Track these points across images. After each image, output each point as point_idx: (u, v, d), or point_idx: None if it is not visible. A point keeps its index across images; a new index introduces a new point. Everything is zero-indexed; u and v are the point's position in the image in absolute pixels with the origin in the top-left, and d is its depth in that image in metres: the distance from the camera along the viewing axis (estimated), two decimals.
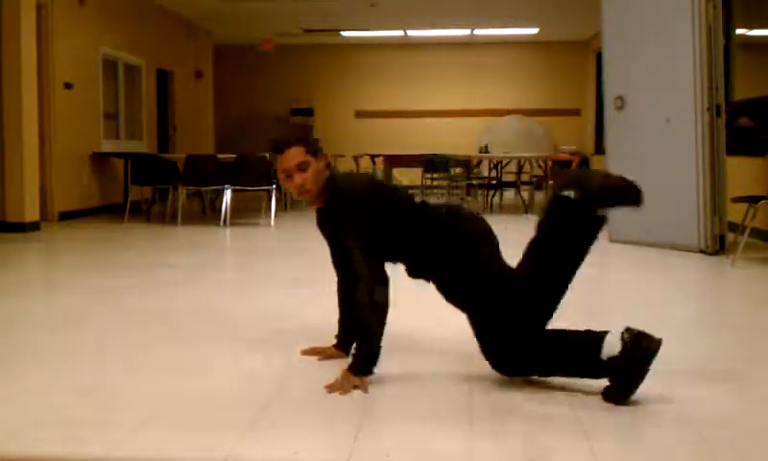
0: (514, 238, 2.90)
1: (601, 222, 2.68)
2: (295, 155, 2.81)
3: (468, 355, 2.91)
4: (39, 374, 2.92)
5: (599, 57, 8.33)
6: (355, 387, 2.63)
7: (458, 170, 10.97)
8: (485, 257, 2.73)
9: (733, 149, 6.50)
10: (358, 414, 2.42)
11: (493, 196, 11.46)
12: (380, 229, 2.73)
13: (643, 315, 4.07)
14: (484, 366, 2.75)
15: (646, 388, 2.57)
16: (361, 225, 2.70)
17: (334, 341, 3.11)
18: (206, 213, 9.90)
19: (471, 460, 2.11)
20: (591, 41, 14.46)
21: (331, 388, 2.64)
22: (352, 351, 2.77)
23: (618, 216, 6.66)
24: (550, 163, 10.85)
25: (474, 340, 2.73)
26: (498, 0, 11.74)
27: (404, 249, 2.81)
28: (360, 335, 2.71)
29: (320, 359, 3.02)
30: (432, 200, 3.04)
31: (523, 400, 2.55)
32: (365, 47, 15.77)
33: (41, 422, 2.38)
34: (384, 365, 2.74)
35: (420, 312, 3.75)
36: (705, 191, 5.98)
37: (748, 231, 5.77)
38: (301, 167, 2.80)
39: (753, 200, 5.76)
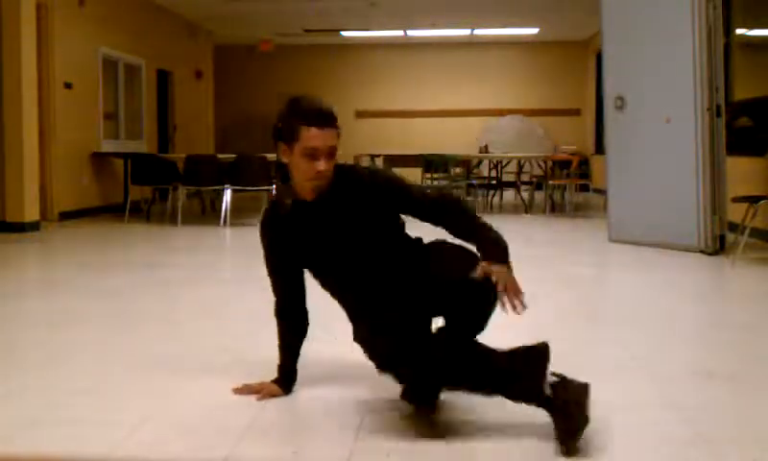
0: (514, 238, 2.89)
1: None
2: (332, 136, 2.33)
3: None
4: (39, 373, 2.92)
5: (599, 57, 8.33)
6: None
7: (458, 170, 10.98)
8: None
9: (733, 149, 6.50)
10: (358, 414, 2.42)
11: (493, 196, 11.46)
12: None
13: (643, 315, 4.07)
14: None
15: (646, 388, 2.57)
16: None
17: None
18: (206, 213, 9.90)
19: (472, 459, 2.11)
20: (591, 41, 14.46)
21: None
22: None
23: (618, 216, 6.69)
24: (550, 163, 10.85)
25: None
26: (498, 0, 11.74)
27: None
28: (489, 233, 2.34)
29: (259, 399, 2.57)
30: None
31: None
32: (365, 47, 15.76)
33: (41, 421, 2.38)
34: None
35: None
36: (705, 191, 5.98)
37: (748, 231, 5.77)
38: (332, 153, 2.35)
39: (753, 200, 5.76)
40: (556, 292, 4.67)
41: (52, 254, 6.75)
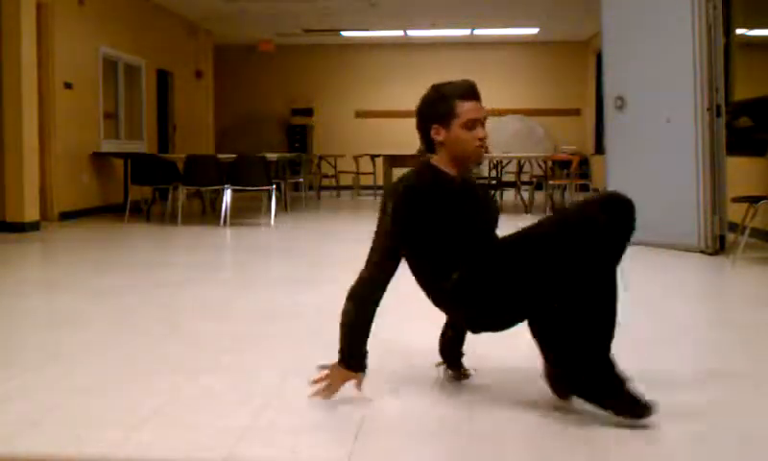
0: None
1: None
2: (483, 108, 2.57)
3: (468, 364, 2.90)
4: (39, 373, 2.92)
5: (599, 57, 8.33)
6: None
7: None
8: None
9: (733, 149, 6.49)
10: (358, 414, 2.42)
11: (493, 196, 11.45)
12: None
13: (644, 315, 4.07)
14: (483, 373, 2.74)
15: (645, 388, 2.57)
16: None
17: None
18: (206, 213, 9.90)
19: (472, 459, 2.11)
20: (591, 41, 14.46)
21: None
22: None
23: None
24: (550, 163, 10.85)
25: (473, 346, 2.70)
26: (498, 0, 11.74)
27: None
28: None
29: (331, 395, 2.53)
30: None
31: (520, 404, 2.55)
32: (365, 47, 15.76)
33: (41, 421, 2.38)
34: (384, 368, 2.73)
35: (419, 317, 3.74)
36: (705, 191, 5.98)
37: (748, 231, 5.77)
38: (485, 124, 2.58)
39: (753, 200, 5.76)
40: None
41: (52, 254, 6.75)
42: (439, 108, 2.54)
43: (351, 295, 2.50)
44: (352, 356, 2.49)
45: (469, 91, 2.53)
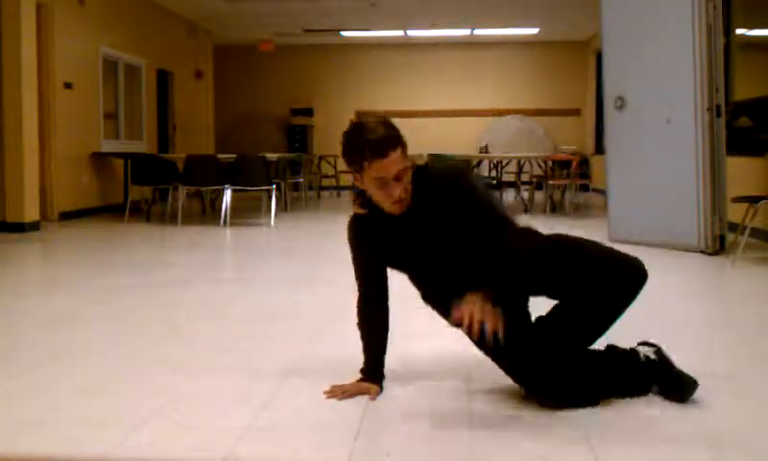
0: None
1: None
2: (396, 160, 2.28)
3: (468, 364, 2.90)
4: (39, 373, 2.92)
5: (599, 57, 8.33)
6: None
7: None
8: None
9: (733, 149, 6.50)
10: (358, 414, 2.42)
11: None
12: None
13: (644, 315, 4.07)
14: (483, 373, 2.74)
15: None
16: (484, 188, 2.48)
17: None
18: (206, 213, 9.91)
19: (472, 460, 2.11)
20: (591, 41, 14.46)
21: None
22: None
23: (618, 216, 6.69)
24: (550, 163, 10.85)
25: (475, 348, 2.71)
26: (498, 0, 11.74)
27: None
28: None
29: (344, 398, 2.55)
30: None
31: (520, 404, 2.55)
32: (365, 47, 15.76)
33: (41, 421, 2.38)
34: (384, 367, 2.73)
35: (419, 318, 3.74)
36: (705, 191, 5.98)
37: (748, 231, 5.77)
38: (400, 176, 2.30)
39: (753, 200, 5.76)
40: None
41: (52, 254, 6.75)
42: (351, 157, 2.35)
43: (356, 309, 2.64)
44: (366, 367, 2.62)
45: (377, 149, 2.26)
